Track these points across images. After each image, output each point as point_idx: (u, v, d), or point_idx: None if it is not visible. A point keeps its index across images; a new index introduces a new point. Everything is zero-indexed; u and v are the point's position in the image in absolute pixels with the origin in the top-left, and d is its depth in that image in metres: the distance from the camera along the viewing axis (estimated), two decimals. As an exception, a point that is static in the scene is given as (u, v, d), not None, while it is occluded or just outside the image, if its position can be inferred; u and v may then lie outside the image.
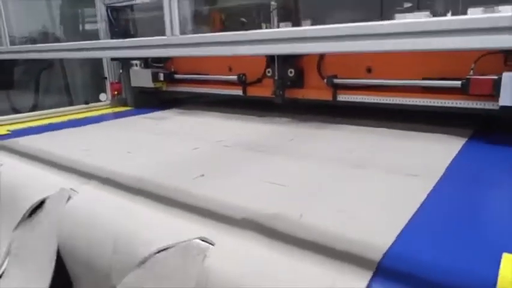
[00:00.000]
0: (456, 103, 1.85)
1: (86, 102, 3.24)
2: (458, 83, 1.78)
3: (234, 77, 2.64)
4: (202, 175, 1.48)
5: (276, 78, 2.39)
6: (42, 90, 3.70)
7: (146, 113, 2.97)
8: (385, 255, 0.89)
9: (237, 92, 2.70)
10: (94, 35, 3.34)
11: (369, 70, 2.16)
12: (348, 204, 1.18)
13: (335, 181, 1.40)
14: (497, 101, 1.66)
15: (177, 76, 3.03)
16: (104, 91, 3.40)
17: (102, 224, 1.22)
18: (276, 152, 1.79)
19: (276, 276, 0.89)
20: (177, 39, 1.01)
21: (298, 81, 2.38)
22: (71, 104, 3.56)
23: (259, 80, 2.59)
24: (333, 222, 1.06)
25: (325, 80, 2.23)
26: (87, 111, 3.18)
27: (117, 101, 3.37)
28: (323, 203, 1.20)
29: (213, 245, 1.00)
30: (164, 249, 1.04)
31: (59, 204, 1.36)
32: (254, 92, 2.63)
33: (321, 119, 2.38)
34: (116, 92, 3.35)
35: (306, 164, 1.60)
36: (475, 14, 1.04)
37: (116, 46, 1.29)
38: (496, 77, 1.65)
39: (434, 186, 1.28)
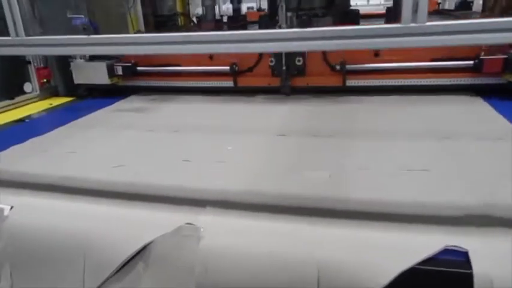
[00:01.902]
0: (467, 80, 2.13)
1: (11, 97, 2.50)
2: (470, 63, 2.07)
3: (225, 68, 2.43)
4: (330, 176, 1.33)
5: (284, 68, 2.30)
6: None
7: (102, 105, 2.45)
8: None
9: (227, 83, 2.48)
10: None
11: (376, 54, 2.28)
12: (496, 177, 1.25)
13: (453, 156, 1.43)
14: (504, 76, 2.00)
15: (141, 69, 2.60)
16: (27, 80, 2.65)
17: (286, 258, 0.98)
18: (347, 135, 1.71)
19: None
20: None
21: (304, 69, 2.35)
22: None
23: (250, 69, 2.46)
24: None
25: (337, 67, 2.27)
26: (14, 108, 2.47)
27: (47, 90, 2.71)
28: (481, 181, 1.23)
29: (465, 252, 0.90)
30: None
31: (187, 245, 1.03)
32: (248, 82, 2.47)
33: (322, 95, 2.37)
34: (44, 80, 2.69)
35: (398, 144, 1.58)
36: None
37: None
38: (506, 56, 1.98)
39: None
